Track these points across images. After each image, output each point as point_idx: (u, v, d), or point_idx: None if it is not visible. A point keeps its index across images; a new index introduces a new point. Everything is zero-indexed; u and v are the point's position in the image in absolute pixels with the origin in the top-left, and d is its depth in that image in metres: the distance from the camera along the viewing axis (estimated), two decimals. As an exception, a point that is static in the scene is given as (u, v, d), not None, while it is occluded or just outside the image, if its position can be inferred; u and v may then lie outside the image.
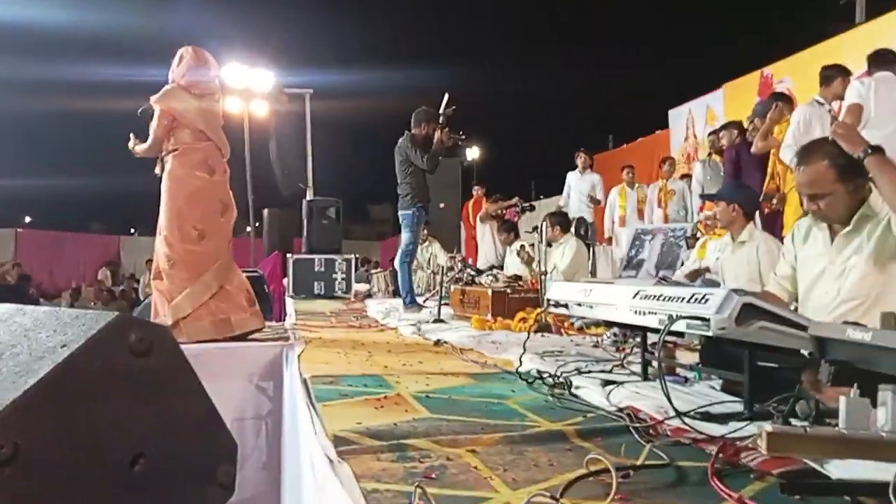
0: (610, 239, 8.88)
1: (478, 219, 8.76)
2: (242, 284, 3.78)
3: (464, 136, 5.96)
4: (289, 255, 7.78)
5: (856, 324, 1.37)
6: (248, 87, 12.19)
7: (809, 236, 2.42)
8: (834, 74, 5.10)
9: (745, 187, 4.30)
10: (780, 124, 5.35)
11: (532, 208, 7.96)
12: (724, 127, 5.61)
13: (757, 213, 4.94)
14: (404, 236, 5.78)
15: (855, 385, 1.32)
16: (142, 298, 13.19)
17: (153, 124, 3.68)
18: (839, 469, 1.21)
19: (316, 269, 7.56)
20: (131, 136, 3.82)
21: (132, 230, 29.64)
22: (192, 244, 3.59)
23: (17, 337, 1.24)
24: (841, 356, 1.29)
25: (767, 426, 1.36)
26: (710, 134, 6.79)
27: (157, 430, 1.24)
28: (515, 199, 8.29)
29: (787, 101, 5.72)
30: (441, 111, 5.59)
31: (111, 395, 1.19)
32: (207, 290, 3.58)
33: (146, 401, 1.24)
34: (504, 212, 8.33)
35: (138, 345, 1.22)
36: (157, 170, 3.78)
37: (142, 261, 18.07)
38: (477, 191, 9.47)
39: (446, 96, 5.58)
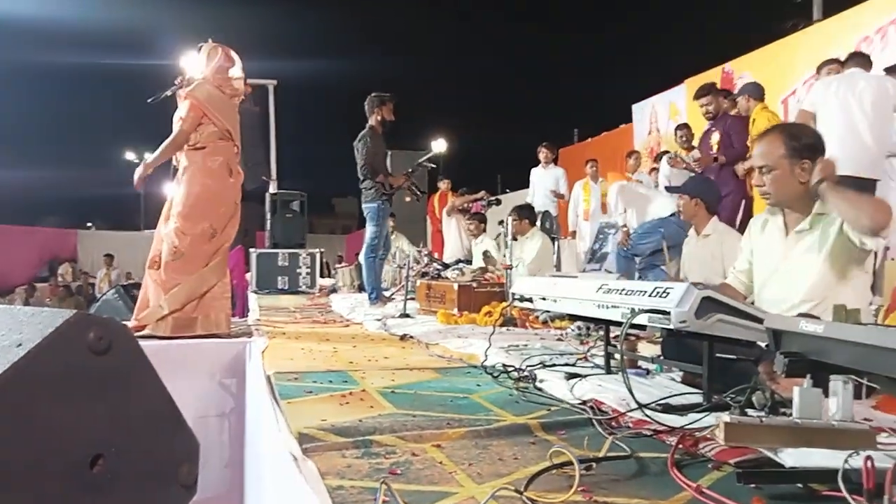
0: (574, 233, 8.96)
1: (444, 212, 8.75)
2: (227, 285, 3.80)
3: (421, 195, 6.06)
4: (252, 250, 7.66)
5: (809, 316, 1.42)
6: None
7: (765, 229, 2.48)
8: None
9: (710, 182, 4.38)
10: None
11: (498, 202, 7.99)
12: (707, 92, 5.61)
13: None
14: (369, 230, 5.75)
15: (808, 376, 1.36)
16: (98, 295, 12.91)
17: (182, 116, 3.63)
18: (792, 457, 1.25)
19: (280, 263, 7.47)
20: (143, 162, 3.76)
21: (89, 224, 28.97)
22: (204, 241, 3.62)
23: (-31, 336, 1.21)
24: (795, 348, 1.33)
25: (725, 417, 1.40)
26: (677, 128, 6.87)
27: (116, 430, 1.21)
28: (482, 193, 8.30)
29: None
30: (422, 160, 5.62)
31: (69, 395, 1.16)
32: (204, 285, 3.61)
33: (106, 400, 1.21)
34: (470, 205, 8.34)
35: (97, 343, 1.19)
36: (175, 162, 3.74)
37: (99, 256, 17.69)
38: (443, 184, 9.45)
39: (432, 152, 5.67)
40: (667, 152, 7.27)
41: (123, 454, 1.18)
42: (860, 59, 4.59)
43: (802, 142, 2.26)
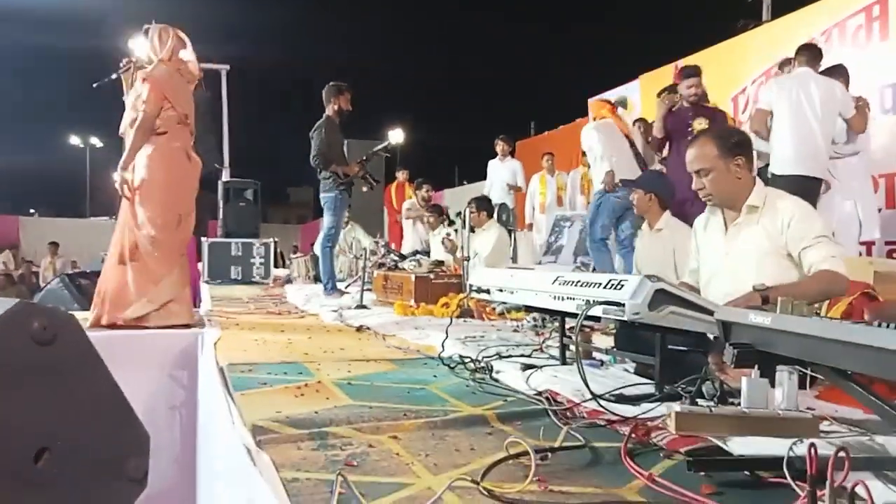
0: (531, 225, 9.04)
1: (403, 211, 8.72)
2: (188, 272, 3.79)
3: (375, 184, 6.03)
4: (203, 239, 7.49)
5: (759, 308, 1.46)
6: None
7: (707, 228, 2.57)
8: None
9: (663, 177, 4.46)
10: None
11: (451, 223, 7.94)
12: (697, 73, 5.67)
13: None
14: (326, 220, 5.70)
15: (756, 367, 1.41)
16: (42, 284, 12.48)
17: (144, 99, 3.47)
18: (740, 446, 1.29)
19: (233, 253, 7.34)
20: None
21: (32, 211, 27.95)
22: (173, 229, 3.56)
23: None
24: (744, 339, 1.37)
25: (676, 407, 1.44)
26: (635, 122, 6.96)
27: (62, 423, 1.18)
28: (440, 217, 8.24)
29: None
30: (376, 149, 5.58)
31: (13, 387, 1.12)
32: (185, 275, 3.62)
33: (51, 392, 1.18)
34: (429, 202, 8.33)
35: (41, 333, 1.16)
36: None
37: (43, 244, 17.07)
38: (401, 175, 9.40)
39: (388, 142, 5.63)
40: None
41: (70, 448, 1.15)
42: (809, 54, 4.68)
43: (732, 140, 2.39)
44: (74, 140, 28.37)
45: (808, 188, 4.31)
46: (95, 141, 28.06)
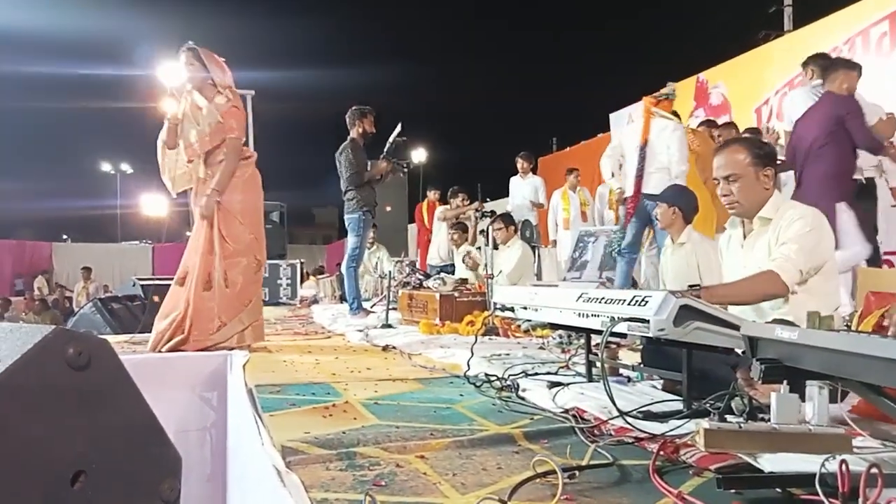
0: (554, 241, 9.01)
1: (436, 216, 8.72)
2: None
3: (406, 165, 6.04)
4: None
5: (785, 322, 1.44)
6: (166, 99, 11.81)
7: (729, 244, 2.57)
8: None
9: (688, 192, 4.43)
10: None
11: (492, 213, 8.01)
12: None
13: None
14: (350, 241, 5.76)
15: (785, 381, 1.39)
16: (75, 308, 12.72)
17: (234, 127, 3.62)
18: (771, 463, 1.27)
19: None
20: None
21: (65, 237, 28.56)
22: (259, 250, 3.71)
23: (-54, 354, 1.19)
24: (771, 354, 1.36)
25: (704, 423, 1.43)
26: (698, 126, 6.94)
27: (98, 446, 1.20)
28: (476, 204, 8.28)
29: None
30: (391, 139, 5.63)
31: (50, 411, 1.15)
32: (261, 298, 3.80)
33: (86, 416, 1.20)
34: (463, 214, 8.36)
35: (77, 358, 1.19)
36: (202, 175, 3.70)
37: (75, 269, 17.42)
38: (431, 194, 9.42)
39: (399, 126, 5.63)
40: None
41: (105, 470, 1.17)
42: (816, 64, 4.68)
43: (764, 150, 2.38)
44: (105, 167, 29.01)
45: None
46: (126, 167, 28.67)
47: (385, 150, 5.82)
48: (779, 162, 5.32)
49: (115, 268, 20.19)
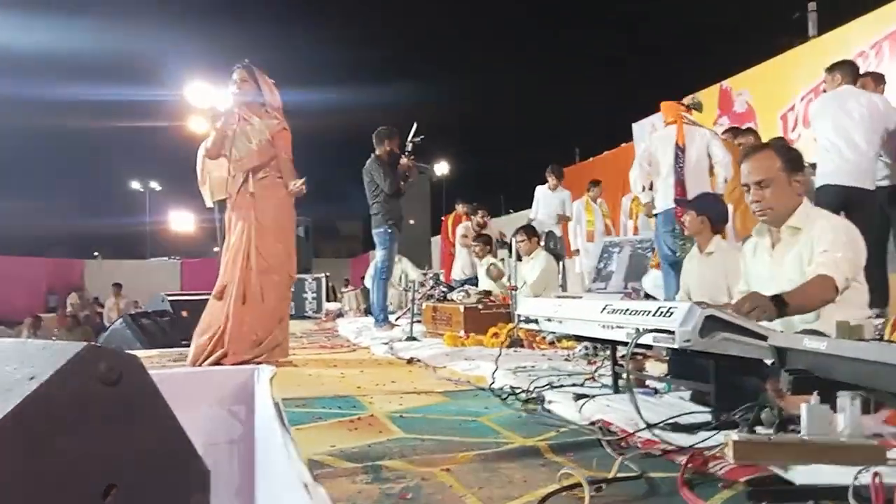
0: (577, 251, 8.95)
1: (458, 240, 8.76)
2: None
3: (428, 167, 6.11)
4: (258, 276, 7.66)
5: (813, 332, 1.42)
6: (213, 106, 12.06)
7: (756, 252, 2.52)
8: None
9: (718, 200, 4.38)
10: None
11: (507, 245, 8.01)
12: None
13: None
14: (378, 255, 5.86)
15: (815, 392, 1.37)
16: (107, 325, 12.92)
17: (286, 145, 3.76)
18: (802, 475, 1.25)
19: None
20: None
21: (95, 254, 29.10)
22: (292, 268, 3.81)
23: (-17, 370, 1.22)
24: (800, 365, 1.34)
25: (734, 435, 1.41)
26: (725, 132, 6.89)
27: (128, 460, 1.22)
28: (498, 234, 8.28)
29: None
30: (409, 139, 5.71)
31: (82, 426, 1.17)
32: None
33: (117, 430, 1.23)
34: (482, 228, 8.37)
35: (108, 374, 1.21)
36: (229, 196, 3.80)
37: (105, 285, 17.74)
38: (460, 207, 9.42)
39: (415, 126, 5.70)
40: None
41: (135, 484, 1.19)
42: (843, 70, 4.65)
43: (793, 155, 2.35)
44: (135, 184, 29.56)
45: (849, 198, 4.30)
46: (154, 185, 29.18)
47: (406, 150, 5.89)
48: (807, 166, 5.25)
49: (145, 284, 20.51)
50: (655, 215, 5.09)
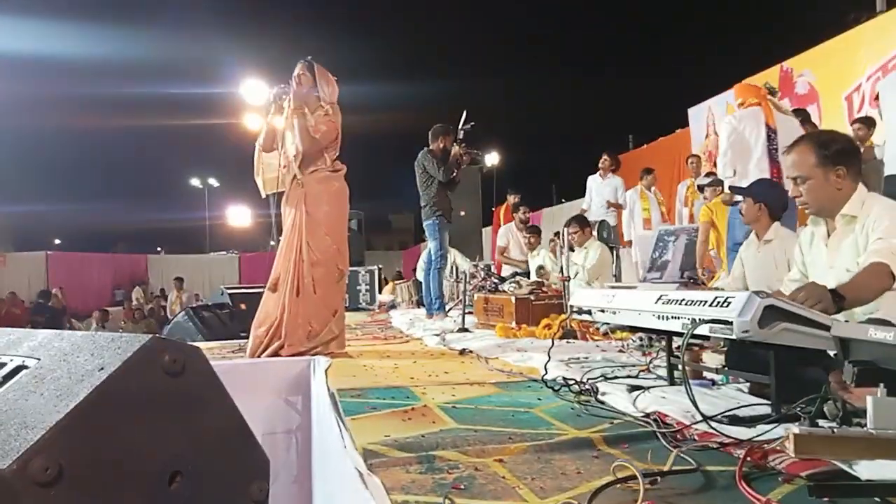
0: (630, 241, 8.80)
1: (498, 246, 8.75)
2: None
3: (479, 154, 6.14)
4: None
5: (879, 321, 1.37)
6: (269, 99, 12.33)
7: (812, 242, 2.45)
8: None
9: (777, 187, 4.21)
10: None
11: (534, 227, 7.89)
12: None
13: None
14: (431, 245, 5.97)
15: (881, 385, 1.32)
16: (170, 317, 13.39)
17: (325, 132, 3.79)
18: (868, 470, 1.21)
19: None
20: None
21: (158, 249, 30.12)
22: (344, 260, 3.84)
23: (57, 361, 1.29)
24: (865, 356, 1.29)
25: (795, 428, 1.36)
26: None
27: (192, 449, 1.27)
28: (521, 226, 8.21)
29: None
30: (460, 127, 5.76)
31: (148, 415, 1.22)
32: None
33: (181, 419, 1.27)
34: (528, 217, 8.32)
35: (172, 365, 1.26)
36: (287, 188, 3.89)
37: (168, 280, 18.39)
38: (511, 198, 9.40)
39: (465, 113, 5.74)
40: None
41: (199, 472, 1.24)
42: None
43: (833, 148, 2.26)
44: (194, 181, 30.43)
45: None
46: (213, 181, 29.98)
47: (457, 137, 5.95)
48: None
49: (205, 277, 21.20)
50: (736, 203, 4.86)
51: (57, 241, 33.45)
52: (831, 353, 1.62)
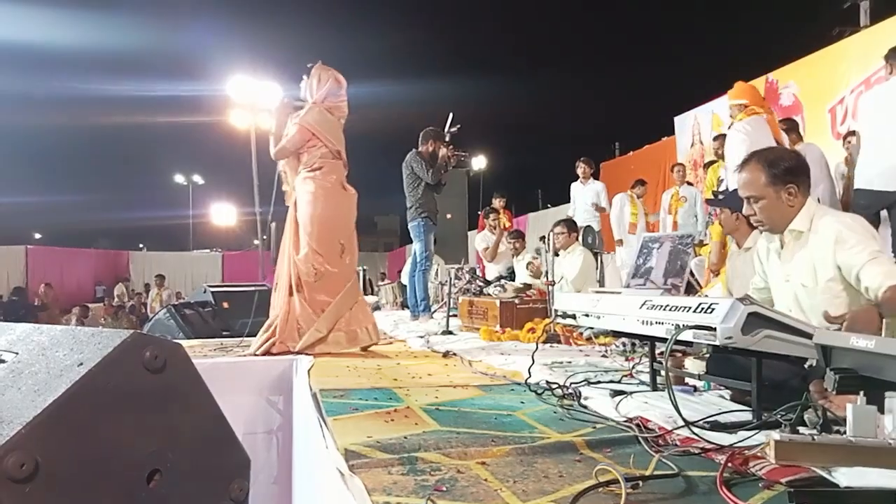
0: (621, 241, 8.82)
1: (479, 249, 8.75)
2: (364, 300, 3.97)
3: (466, 154, 6.17)
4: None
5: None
6: (255, 100, 12.32)
7: (769, 253, 2.50)
8: None
9: None
10: None
11: (518, 231, 7.87)
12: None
13: None
14: (416, 247, 5.97)
15: (861, 392, 1.33)
16: (150, 314, 13.26)
17: (291, 136, 3.82)
18: (847, 477, 1.22)
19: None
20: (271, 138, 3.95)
21: (141, 245, 29.85)
22: (337, 258, 3.78)
23: (35, 356, 1.27)
24: (846, 364, 1.30)
25: (775, 435, 1.37)
26: (714, 139, 6.78)
27: (172, 446, 1.25)
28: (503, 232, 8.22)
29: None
30: (446, 130, 5.78)
31: (127, 412, 1.21)
32: (347, 305, 3.77)
33: (162, 416, 1.26)
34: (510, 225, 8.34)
35: (153, 361, 1.24)
36: (286, 187, 3.96)
37: (150, 276, 18.22)
38: (496, 201, 9.44)
39: (451, 116, 5.77)
40: (713, 162, 7.16)
41: (179, 469, 1.22)
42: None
43: (782, 167, 2.30)
44: (179, 178, 30.20)
45: (888, 201, 4.11)
46: (197, 178, 29.77)
47: (446, 139, 5.97)
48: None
49: (187, 275, 21.03)
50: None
51: (37, 236, 33.06)
52: (812, 360, 1.63)
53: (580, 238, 6.22)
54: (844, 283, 2.16)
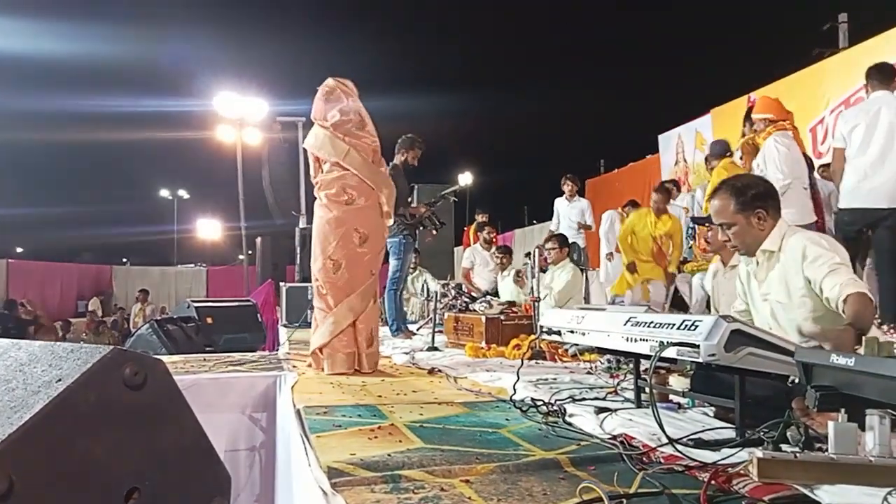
0: (610, 255, 8.84)
1: (464, 261, 8.76)
2: (371, 320, 3.76)
3: (443, 225, 6.09)
4: (282, 284, 7.76)
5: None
6: (241, 115, 12.31)
7: (749, 274, 2.58)
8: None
9: None
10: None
11: (506, 247, 7.89)
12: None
13: None
14: (392, 264, 5.84)
15: (842, 410, 1.34)
16: (132, 329, 13.12)
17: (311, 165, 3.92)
18: (829, 494, 1.23)
19: (309, 297, 7.52)
20: None
21: (124, 260, 29.57)
22: (329, 275, 3.71)
23: (13, 371, 1.25)
24: (827, 381, 1.32)
25: (758, 452, 1.38)
26: (706, 158, 6.84)
27: (151, 463, 1.24)
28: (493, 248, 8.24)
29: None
30: (443, 193, 5.71)
31: (106, 429, 1.19)
32: (344, 320, 3.65)
33: (141, 434, 1.24)
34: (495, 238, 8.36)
35: (133, 378, 1.23)
36: None
37: (134, 291, 18.04)
38: (480, 217, 9.48)
39: (458, 187, 5.74)
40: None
41: (158, 488, 1.20)
42: (880, 75, 4.41)
43: (749, 194, 2.38)
44: (164, 193, 30.03)
45: (871, 219, 4.18)
46: (183, 193, 29.62)
47: (434, 198, 5.92)
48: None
49: (171, 290, 20.86)
50: None
51: (19, 250, 32.68)
52: (794, 378, 1.65)
53: (568, 255, 6.25)
54: (816, 298, 2.21)
